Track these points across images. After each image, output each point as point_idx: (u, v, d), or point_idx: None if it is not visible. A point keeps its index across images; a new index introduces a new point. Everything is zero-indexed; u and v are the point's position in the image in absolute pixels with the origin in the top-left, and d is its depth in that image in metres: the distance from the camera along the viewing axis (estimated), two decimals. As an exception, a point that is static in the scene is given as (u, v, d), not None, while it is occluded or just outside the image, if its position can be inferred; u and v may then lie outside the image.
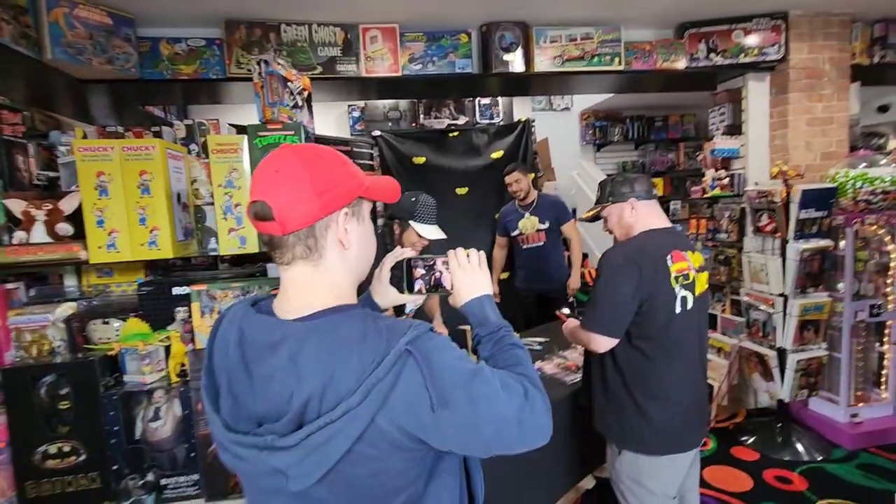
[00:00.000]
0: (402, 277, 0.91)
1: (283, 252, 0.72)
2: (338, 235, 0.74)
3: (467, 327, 1.94)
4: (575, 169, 5.70)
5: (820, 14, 3.11)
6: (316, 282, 0.74)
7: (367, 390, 0.63)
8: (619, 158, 6.20)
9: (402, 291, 0.93)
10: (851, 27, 3.21)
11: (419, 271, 0.91)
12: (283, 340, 0.68)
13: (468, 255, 0.91)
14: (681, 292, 1.51)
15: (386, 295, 0.96)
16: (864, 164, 2.79)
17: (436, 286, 0.91)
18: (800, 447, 2.81)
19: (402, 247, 2.26)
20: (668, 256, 1.50)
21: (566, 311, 1.92)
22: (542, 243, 3.34)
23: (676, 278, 1.51)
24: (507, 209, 3.52)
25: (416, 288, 0.91)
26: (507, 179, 3.37)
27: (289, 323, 0.71)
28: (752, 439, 2.94)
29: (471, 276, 0.89)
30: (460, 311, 0.90)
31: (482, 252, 0.94)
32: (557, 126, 5.65)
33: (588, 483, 2.33)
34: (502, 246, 3.57)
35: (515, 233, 3.40)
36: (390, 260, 0.96)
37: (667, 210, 6.05)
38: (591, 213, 1.70)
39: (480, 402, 0.67)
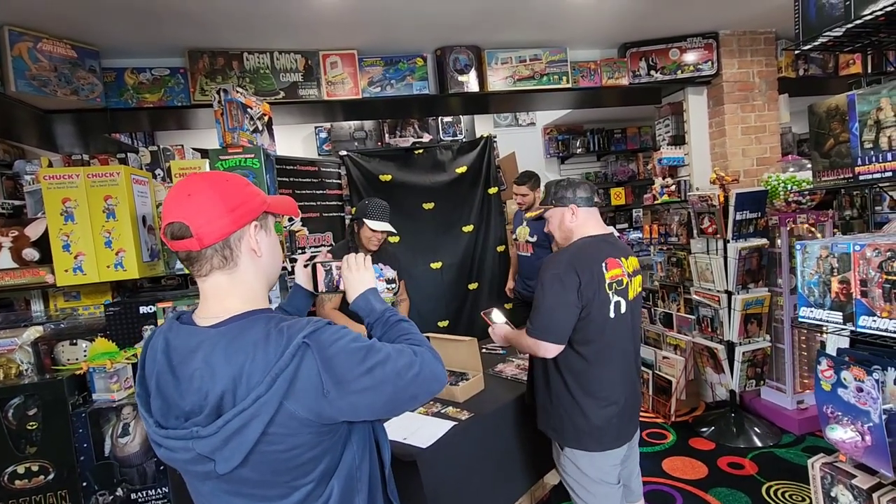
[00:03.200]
0: (311, 278, 1.10)
1: (202, 265, 0.82)
2: (251, 245, 0.85)
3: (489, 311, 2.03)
4: (542, 181, 5.92)
5: (746, 33, 3.40)
6: (232, 288, 0.84)
7: (273, 379, 0.73)
8: (582, 170, 6.45)
9: (314, 290, 1.10)
10: (776, 44, 3.51)
11: (321, 274, 1.09)
12: (200, 345, 0.78)
13: (355, 259, 1.08)
14: (614, 298, 1.59)
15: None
16: (793, 168, 3.04)
17: (335, 287, 1.09)
18: (752, 435, 2.99)
19: (361, 242, 2.50)
20: (604, 264, 1.58)
21: (495, 316, 1.95)
22: (529, 254, 3.36)
23: (610, 285, 1.58)
24: (519, 210, 3.57)
25: (320, 288, 1.09)
26: (515, 191, 3.37)
27: (204, 329, 0.81)
28: (709, 430, 3.10)
29: (357, 276, 1.05)
30: (351, 307, 1.05)
31: (368, 256, 1.11)
32: (523, 141, 5.88)
33: (554, 479, 2.44)
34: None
35: (514, 236, 3.46)
36: (301, 262, 1.11)
37: (630, 217, 6.31)
38: (536, 213, 1.78)
39: (377, 368, 0.80)
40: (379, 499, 0.94)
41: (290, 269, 3.42)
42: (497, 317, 1.98)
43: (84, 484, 1.56)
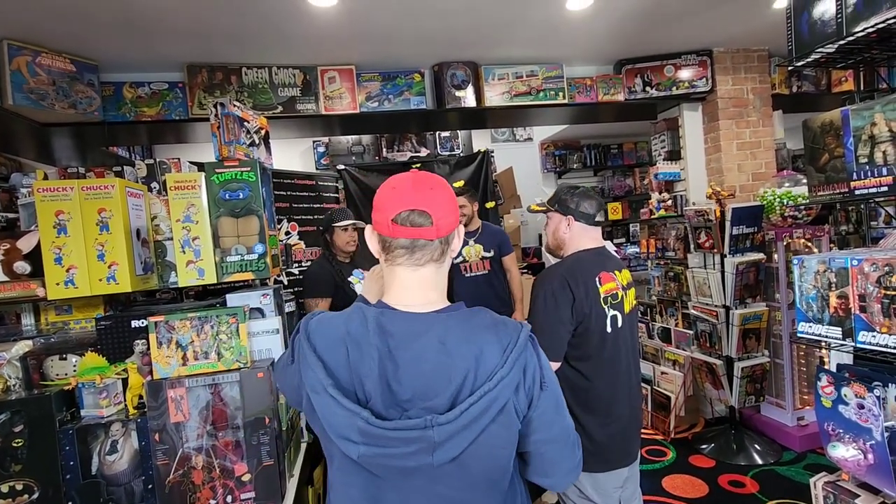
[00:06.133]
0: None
1: (424, 254, 0.84)
2: (452, 245, 0.89)
3: None
4: (539, 196, 5.94)
5: (740, 50, 3.46)
6: (434, 281, 0.87)
7: (513, 362, 0.76)
8: (579, 185, 6.48)
9: None
10: (770, 61, 3.56)
11: None
12: (429, 329, 0.79)
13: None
14: (610, 312, 1.57)
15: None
16: (789, 184, 3.05)
17: None
18: (753, 452, 2.95)
19: (339, 249, 2.63)
20: (597, 279, 1.56)
21: None
22: (486, 272, 3.24)
23: (605, 299, 1.56)
24: None
25: None
26: None
27: (428, 315, 0.82)
28: (709, 447, 3.06)
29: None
30: None
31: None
32: (520, 156, 5.92)
33: (552, 497, 2.39)
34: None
35: (458, 260, 3.27)
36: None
37: (627, 232, 6.33)
38: (540, 208, 1.75)
39: (561, 402, 0.86)
40: None
41: (285, 282, 3.41)
42: None
43: (69, 503, 1.52)
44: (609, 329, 1.56)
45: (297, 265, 3.52)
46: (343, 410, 0.74)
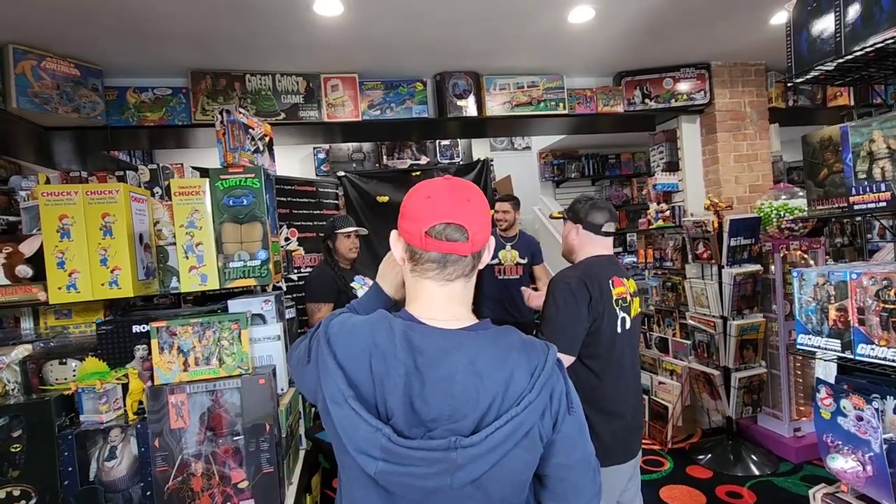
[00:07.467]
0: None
1: (456, 269, 0.79)
2: (483, 257, 0.84)
3: None
4: (536, 205, 5.98)
5: (738, 64, 3.51)
6: (462, 296, 0.83)
7: (541, 386, 0.73)
8: (577, 194, 6.49)
9: None
10: (767, 75, 3.61)
11: None
12: (459, 346, 0.75)
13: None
14: (621, 314, 1.66)
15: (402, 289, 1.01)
16: (785, 196, 3.09)
17: None
18: (750, 463, 2.95)
19: (341, 256, 2.62)
20: (610, 281, 1.65)
21: None
22: (518, 277, 3.38)
23: (617, 301, 1.65)
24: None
25: None
26: (497, 207, 3.40)
27: (458, 331, 0.77)
28: (706, 458, 3.06)
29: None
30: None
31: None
32: (519, 164, 5.95)
33: None
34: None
35: (494, 261, 3.40)
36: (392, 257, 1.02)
37: (624, 241, 6.36)
38: (558, 215, 1.88)
39: (584, 427, 0.84)
40: None
41: (284, 288, 3.40)
42: None
43: (67, 510, 1.50)
44: (619, 330, 1.64)
45: (296, 271, 3.52)
46: (365, 425, 0.70)
